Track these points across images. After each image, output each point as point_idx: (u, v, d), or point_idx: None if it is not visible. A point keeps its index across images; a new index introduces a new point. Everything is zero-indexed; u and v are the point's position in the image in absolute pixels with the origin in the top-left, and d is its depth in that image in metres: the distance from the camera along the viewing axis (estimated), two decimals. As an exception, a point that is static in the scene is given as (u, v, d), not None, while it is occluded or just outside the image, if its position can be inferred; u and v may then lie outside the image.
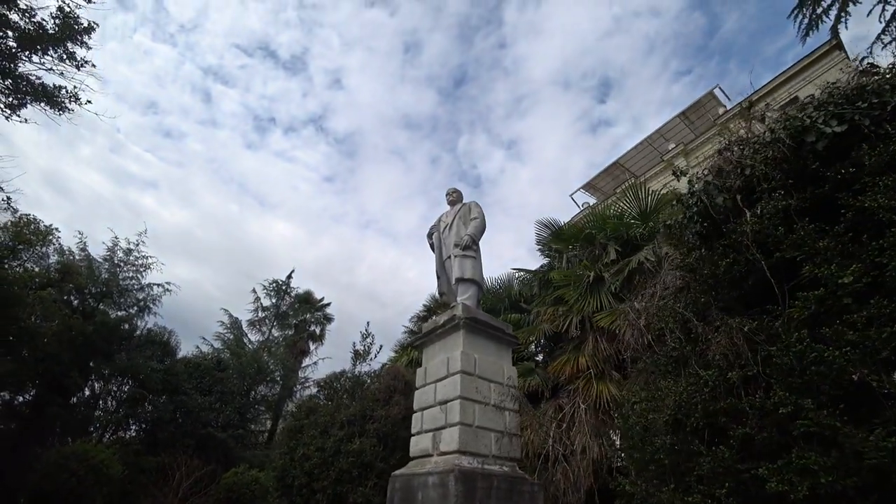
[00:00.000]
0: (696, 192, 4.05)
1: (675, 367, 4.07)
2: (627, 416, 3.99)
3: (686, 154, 22.37)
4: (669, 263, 4.79)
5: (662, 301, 4.31)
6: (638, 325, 4.71)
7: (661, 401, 3.75)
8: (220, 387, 15.81)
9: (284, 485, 8.47)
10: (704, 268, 4.01)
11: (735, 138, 4.33)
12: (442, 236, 8.13)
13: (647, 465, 3.73)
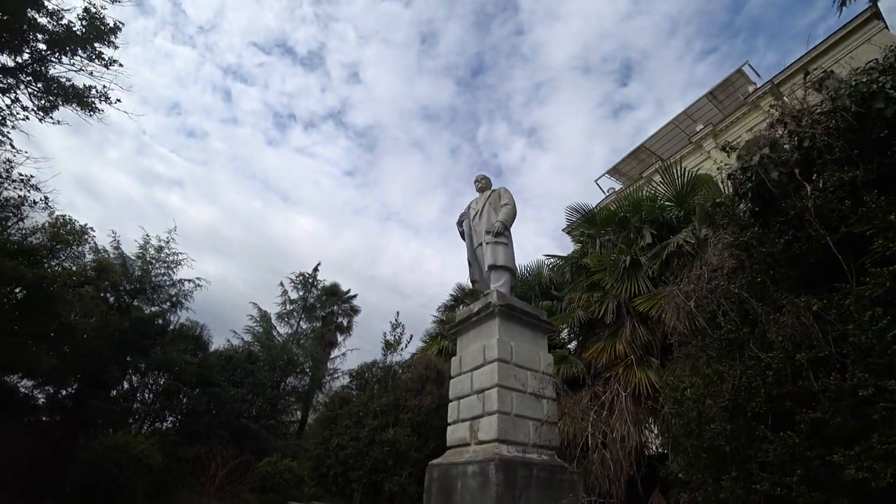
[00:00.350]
0: (750, 167, 3.82)
1: (729, 351, 3.88)
2: (681, 400, 3.82)
3: (715, 135, 21.61)
4: (719, 243, 4.56)
5: (713, 282, 4.10)
6: (687, 307, 4.51)
7: (716, 385, 3.58)
8: (252, 379, 16.10)
9: (319, 474, 8.57)
10: (760, 246, 3.79)
11: (788, 110, 4.05)
12: (472, 223, 8.02)
13: (703, 452, 3.56)
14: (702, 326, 4.29)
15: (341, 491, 8.16)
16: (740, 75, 21.60)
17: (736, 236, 4.03)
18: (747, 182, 3.90)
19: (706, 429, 3.49)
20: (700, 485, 3.60)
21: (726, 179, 4.14)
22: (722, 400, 3.47)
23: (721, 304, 3.95)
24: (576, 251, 9.48)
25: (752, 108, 20.42)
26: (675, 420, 3.89)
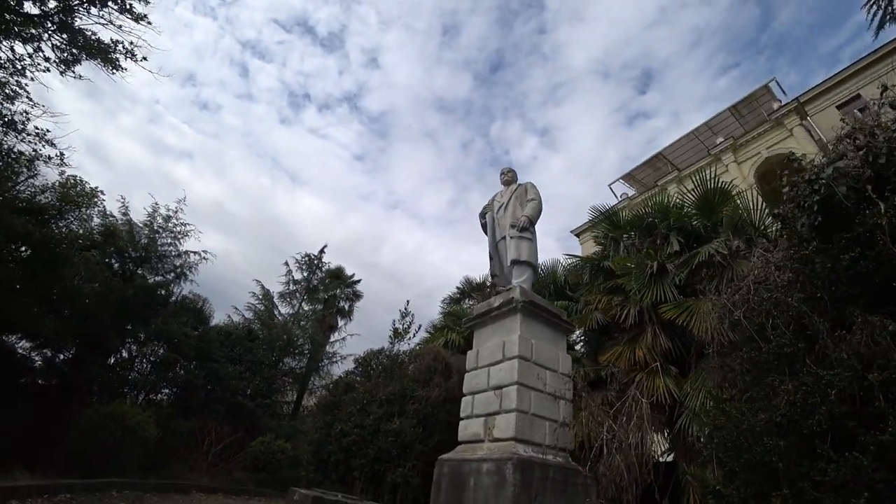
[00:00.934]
0: (818, 180, 3.62)
1: (777, 365, 3.70)
2: (728, 412, 3.65)
3: (735, 149, 21.36)
4: (768, 254, 4.37)
5: (763, 294, 3.91)
6: (732, 318, 4.32)
7: (768, 400, 3.40)
8: (250, 356, 15.96)
9: (319, 459, 8.42)
10: (822, 261, 3.60)
11: (861, 124, 3.85)
12: (496, 216, 7.84)
13: (750, 468, 3.39)
14: (746, 338, 4.11)
15: (342, 478, 8.02)
16: (766, 91, 21.33)
17: (795, 249, 3.83)
18: (813, 195, 3.69)
19: (758, 443, 3.32)
20: (743, 500, 3.44)
21: (788, 191, 3.92)
22: (775, 415, 3.29)
23: (772, 317, 3.76)
24: (596, 252, 9.30)
25: (775, 126, 20.19)
26: (718, 432, 3.71)
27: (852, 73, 19.60)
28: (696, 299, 6.62)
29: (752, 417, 3.42)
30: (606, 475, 6.20)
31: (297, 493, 5.83)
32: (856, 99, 19.48)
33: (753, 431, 3.43)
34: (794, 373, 3.56)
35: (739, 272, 6.43)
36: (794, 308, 3.56)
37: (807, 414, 3.17)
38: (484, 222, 8.12)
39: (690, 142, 23.79)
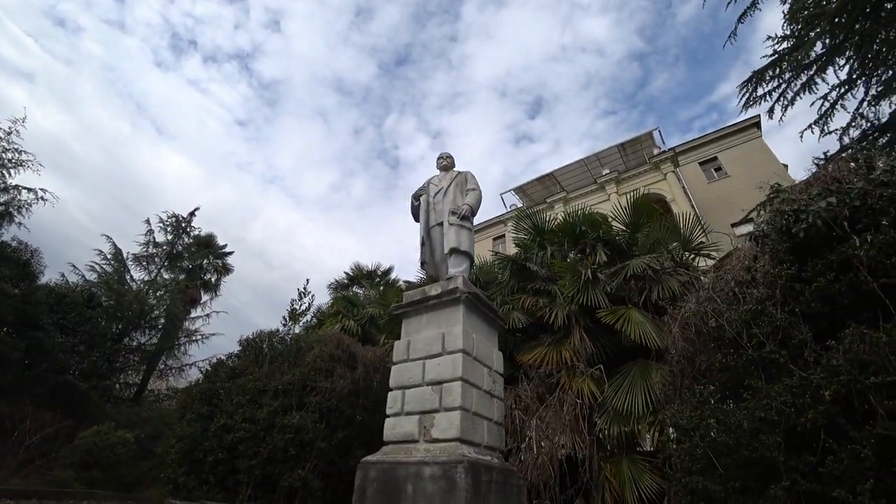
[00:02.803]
0: (809, 212, 3.85)
1: (755, 371, 3.91)
2: (728, 412, 3.70)
3: (618, 182, 23.76)
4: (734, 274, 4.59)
5: (746, 306, 4.07)
6: (701, 324, 4.46)
7: (756, 401, 3.55)
8: (88, 326, 12.99)
9: (193, 459, 6.98)
10: (794, 282, 3.85)
11: (838, 174, 4.24)
12: (432, 200, 7.29)
13: (747, 465, 3.48)
14: (715, 346, 4.29)
15: (221, 482, 6.71)
16: (649, 136, 24.09)
17: (771, 267, 4.02)
18: (800, 223, 3.94)
19: (754, 440, 3.43)
20: (727, 495, 3.58)
21: (770, 217, 4.22)
22: (769, 413, 3.42)
23: (751, 326, 3.92)
24: (518, 254, 9.27)
25: (653, 168, 22.92)
26: (704, 432, 3.76)
27: (711, 139, 23.51)
28: (628, 307, 6.90)
29: (743, 417, 3.51)
30: (526, 472, 6.10)
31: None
32: (713, 160, 23.37)
33: (743, 429, 3.52)
34: (771, 378, 3.73)
35: (668, 287, 6.86)
36: (779, 319, 3.71)
37: (797, 413, 3.34)
38: (416, 204, 7.53)
39: (580, 168, 25.85)
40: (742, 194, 20.33)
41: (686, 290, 6.87)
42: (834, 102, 10.62)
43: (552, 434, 6.35)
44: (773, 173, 20.89)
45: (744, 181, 21.64)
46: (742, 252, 5.00)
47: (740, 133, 23.05)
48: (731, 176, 22.44)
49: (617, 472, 6.38)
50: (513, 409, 7.02)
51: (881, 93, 9.89)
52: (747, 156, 22.50)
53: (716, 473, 3.91)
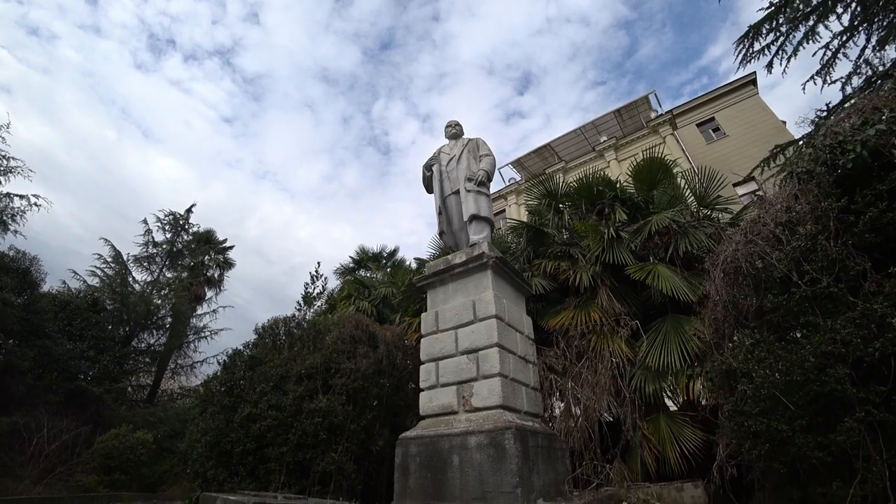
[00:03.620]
0: (856, 142, 3.63)
1: (809, 308, 3.71)
2: (795, 350, 3.50)
3: (617, 148, 23.37)
4: (782, 206, 4.36)
5: (796, 243, 3.84)
6: (748, 267, 4.24)
7: (808, 338, 3.36)
8: (95, 331, 12.72)
9: (221, 451, 6.79)
10: (847, 214, 3.66)
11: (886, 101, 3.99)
12: (445, 169, 7.07)
13: (812, 402, 3.42)
14: (765, 285, 4.10)
15: (252, 472, 6.54)
16: (645, 101, 23.57)
17: (818, 202, 3.82)
18: (847, 153, 3.71)
19: (820, 375, 3.32)
20: (791, 433, 3.49)
21: (811, 152, 3.97)
22: (837, 347, 3.28)
23: (801, 264, 3.72)
24: (533, 219, 9.01)
25: (651, 132, 22.53)
26: (778, 373, 3.59)
27: (707, 100, 23.16)
28: (654, 263, 6.71)
29: (808, 353, 3.37)
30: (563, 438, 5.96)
31: (220, 499, 4.41)
32: (710, 121, 23.07)
33: (809, 364, 3.38)
34: (827, 314, 3.54)
35: (695, 241, 6.66)
36: (834, 252, 3.50)
37: (864, 344, 3.20)
38: (429, 175, 7.30)
39: (576, 137, 25.37)
40: (742, 153, 20.08)
41: (714, 242, 6.67)
42: (836, 51, 10.28)
43: (587, 397, 6.19)
44: (773, 129, 20.74)
45: (743, 140, 21.37)
46: (778, 194, 4.78)
47: (736, 91, 22.70)
48: (729, 136, 22.13)
49: (655, 429, 6.25)
50: (546, 374, 6.85)
51: (884, 37, 9.53)
52: (745, 114, 22.16)
53: (777, 413, 3.77)
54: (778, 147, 11.33)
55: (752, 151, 18.42)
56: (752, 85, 22.61)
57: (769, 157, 11.28)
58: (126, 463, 10.96)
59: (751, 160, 13.66)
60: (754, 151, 17.40)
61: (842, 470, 3.61)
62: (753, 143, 20.04)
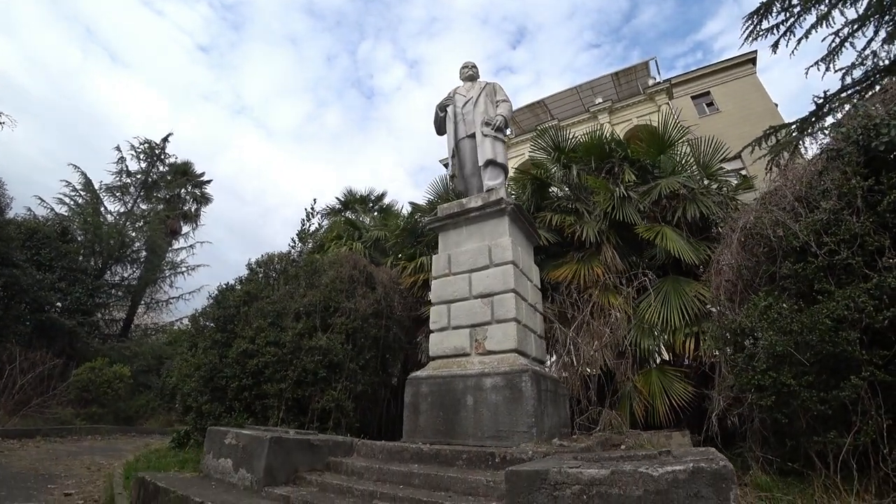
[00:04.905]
0: (892, 125, 3.71)
1: (823, 277, 3.94)
2: (812, 312, 3.65)
3: (611, 111, 23.07)
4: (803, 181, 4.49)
5: (819, 215, 4.02)
6: (773, 233, 4.35)
7: (824, 304, 3.70)
8: (66, 262, 12.09)
9: (214, 387, 6.68)
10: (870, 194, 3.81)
11: None
12: (461, 111, 6.81)
13: (821, 361, 3.67)
14: (784, 255, 4.27)
15: (247, 408, 6.49)
16: (644, 67, 23.08)
17: (848, 180, 3.97)
18: (880, 136, 3.77)
19: (833, 337, 3.54)
20: (798, 388, 3.75)
21: (844, 130, 4.04)
22: (851, 313, 3.53)
23: (821, 235, 4.01)
24: (539, 171, 8.87)
25: (647, 99, 22.29)
26: (792, 332, 3.81)
27: (705, 73, 23.01)
28: (661, 225, 6.77)
29: (825, 315, 3.60)
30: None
31: (231, 433, 4.32)
32: (706, 95, 23.00)
33: (821, 329, 3.60)
34: (840, 284, 3.81)
35: (704, 207, 6.73)
36: (856, 227, 3.75)
37: (876, 311, 3.44)
38: (442, 116, 7.04)
39: (571, 96, 24.86)
40: (732, 131, 20.19)
41: (722, 210, 6.76)
42: (845, 39, 10.22)
43: (584, 348, 6.33)
44: (765, 111, 20.91)
45: (735, 118, 21.49)
46: (800, 170, 4.88)
47: (735, 68, 22.63)
48: (722, 112, 22.19)
49: (646, 382, 6.47)
50: (547, 324, 6.97)
51: (893, 31, 9.44)
52: (740, 92, 22.18)
53: (784, 369, 3.96)
54: (772, 128, 11.45)
55: (743, 130, 18.61)
56: (752, 64, 22.57)
57: (762, 136, 11.40)
58: (103, 396, 10.79)
59: (740, 139, 13.80)
60: (745, 130, 17.59)
61: (838, 423, 3.84)
62: (745, 121, 20.20)
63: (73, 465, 7.01)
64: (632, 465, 2.43)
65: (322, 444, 4.31)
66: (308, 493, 3.58)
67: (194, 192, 17.97)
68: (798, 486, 3.91)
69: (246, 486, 3.91)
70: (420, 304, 9.31)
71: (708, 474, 2.16)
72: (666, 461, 2.48)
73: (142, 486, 4.11)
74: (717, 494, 2.14)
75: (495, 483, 3.31)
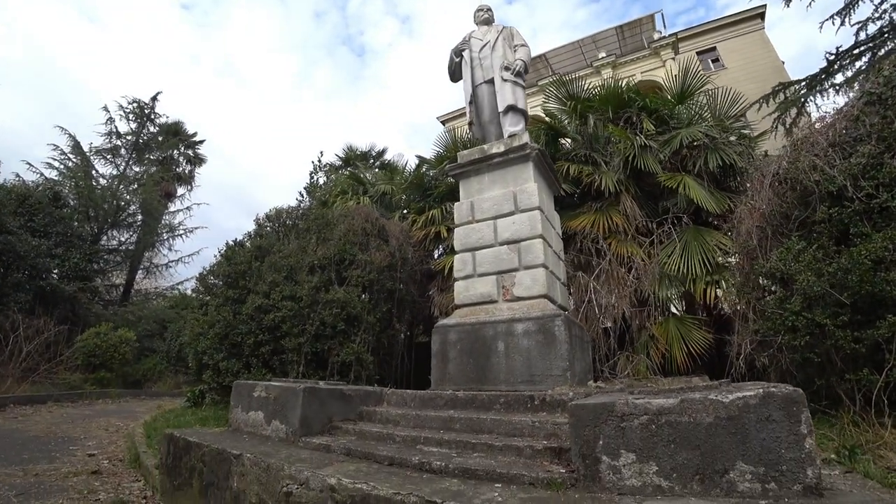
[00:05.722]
0: None
1: (860, 221, 4.00)
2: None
3: (615, 66, 22.41)
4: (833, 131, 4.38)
5: (856, 160, 4.02)
6: (807, 179, 4.28)
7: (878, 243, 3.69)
8: (61, 228, 11.75)
9: (231, 344, 6.59)
10: None
11: None
12: (478, 56, 6.48)
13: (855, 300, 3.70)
14: (819, 199, 4.23)
15: (266, 363, 6.43)
16: (650, 20, 22.26)
17: (888, 123, 4.02)
18: None
19: (866, 278, 3.60)
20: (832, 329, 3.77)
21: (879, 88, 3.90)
22: (891, 253, 3.60)
23: (858, 180, 4.01)
24: (554, 121, 8.61)
25: (652, 54, 21.63)
26: (828, 273, 3.83)
27: (712, 28, 22.36)
28: (682, 174, 6.63)
29: (864, 256, 3.62)
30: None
31: (260, 386, 4.25)
32: (711, 50, 22.37)
33: (860, 269, 3.63)
34: (876, 227, 3.85)
35: (726, 157, 6.58)
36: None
37: None
38: (458, 61, 6.72)
39: (573, 50, 24.08)
40: (738, 88, 19.74)
41: (744, 160, 6.63)
42: None
43: (604, 296, 6.31)
44: (772, 69, 20.42)
45: (741, 75, 20.95)
46: (835, 115, 4.75)
47: (744, 23, 21.95)
48: (727, 68, 21.62)
49: (664, 331, 6.51)
50: (568, 273, 6.92)
51: None
52: (747, 48, 21.58)
53: (817, 312, 3.96)
54: (780, 84, 11.19)
55: (749, 87, 18.13)
56: (760, 19, 21.90)
57: (770, 94, 11.15)
58: (110, 361, 10.73)
59: (746, 96, 13.53)
60: (750, 87, 17.13)
61: (869, 361, 3.87)
62: (751, 78, 19.71)
63: (91, 428, 7.01)
64: (700, 394, 2.37)
65: (354, 393, 4.26)
66: (348, 441, 3.54)
67: (187, 152, 17.40)
68: (826, 423, 3.96)
69: (280, 437, 3.86)
70: (430, 257, 9.22)
71: (779, 398, 2.11)
72: (734, 388, 2.42)
73: (171, 443, 4.03)
74: (788, 417, 2.08)
75: (540, 423, 3.28)
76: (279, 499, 2.86)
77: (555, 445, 2.91)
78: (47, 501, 3.61)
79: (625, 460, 2.26)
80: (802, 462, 1.99)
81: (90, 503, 3.67)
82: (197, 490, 3.53)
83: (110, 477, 4.43)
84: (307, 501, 2.72)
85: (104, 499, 3.78)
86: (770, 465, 2.03)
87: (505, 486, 2.50)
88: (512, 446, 3.01)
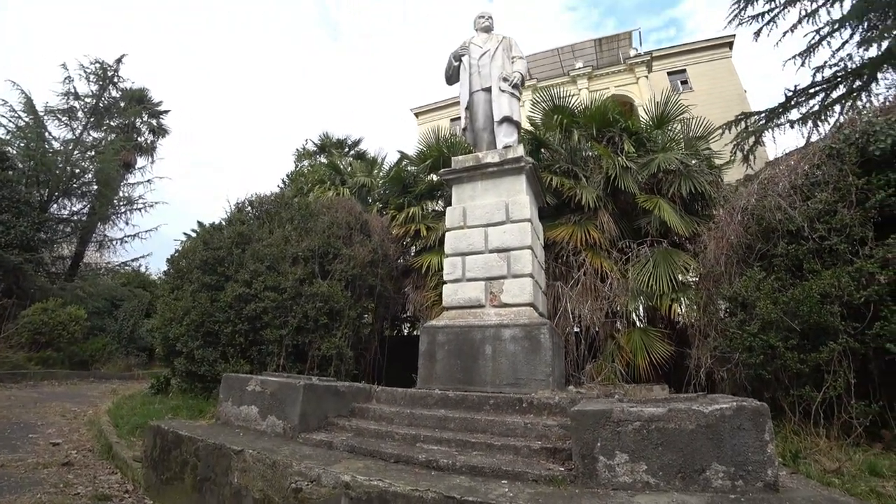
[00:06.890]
0: (889, 134, 4.38)
1: (813, 258, 4.54)
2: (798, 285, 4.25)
3: (591, 77, 23.15)
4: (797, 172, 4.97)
5: (814, 205, 4.61)
6: (771, 217, 4.86)
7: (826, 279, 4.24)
8: (7, 192, 10.91)
9: (207, 332, 6.47)
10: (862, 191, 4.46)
11: None
12: (477, 63, 6.65)
13: (809, 328, 4.23)
14: (780, 235, 4.85)
15: (244, 354, 6.37)
16: (628, 37, 23.14)
17: (846, 177, 4.54)
18: (878, 143, 4.40)
19: (820, 309, 4.12)
20: (783, 350, 4.29)
21: (848, 132, 4.52)
22: (836, 290, 4.16)
23: (814, 222, 4.56)
24: (538, 132, 8.89)
25: (627, 70, 22.49)
26: (783, 302, 4.35)
27: (684, 51, 23.63)
28: (657, 197, 7.10)
29: (814, 289, 4.17)
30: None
31: (254, 380, 4.25)
32: (681, 72, 23.54)
33: (810, 301, 4.19)
34: (826, 266, 4.41)
35: (698, 185, 7.12)
36: (848, 218, 4.33)
37: (857, 290, 4.07)
38: (457, 65, 6.86)
39: (552, 57, 24.58)
40: (703, 111, 20.78)
41: (714, 189, 7.18)
42: (823, 38, 10.76)
43: (579, 306, 6.68)
44: (735, 96, 21.74)
45: (706, 98, 22.14)
46: (798, 162, 5.33)
47: (713, 49, 23.17)
48: (695, 91, 22.80)
49: (629, 340, 6.96)
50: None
51: (868, 37, 9.86)
52: (714, 74, 22.82)
53: (771, 333, 4.48)
54: (743, 114, 12.04)
55: (713, 111, 19.24)
56: (728, 48, 23.20)
57: (733, 121, 11.97)
58: (58, 339, 10.16)
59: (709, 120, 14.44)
60: (715, 112, 18.21)
61: (810, 380, 4.43)
62: (715, 103, 20.90)
63: (45, 413, 6.69)
64: (684, 404, 2.71)
65: (346, 390, 4.36)
66: (347, 439, 3.64)
67: (151, 122, 16.47)
68: (772, 432, 4.49)
69: (277, 433, 3.89)
70: (406, 253, 9.33)
71: (749, 411, 2.53)
72: (711, 401, 2.78)
73: (158, 435, 3.96)
74: (755, 427, 2.48)
75: (532, 425, 3.54)
76: (287, 495, 2.95)
77: (549, 446, 3.18)
78: (23, 496, 3.47)
79: (619, 460, 2.58)
80: (765, 464, 2.41)
81: (69, 497, 3.54)
82: (190, 485, 3.53)
83: (83, 469, 4.29)
84: (318, 498, 2.83)
85: (83, 493, 3.65)
86: (739, 465, 2.44)
87: (511, 483, 2.73)
88: (510, 446, 3.25)
